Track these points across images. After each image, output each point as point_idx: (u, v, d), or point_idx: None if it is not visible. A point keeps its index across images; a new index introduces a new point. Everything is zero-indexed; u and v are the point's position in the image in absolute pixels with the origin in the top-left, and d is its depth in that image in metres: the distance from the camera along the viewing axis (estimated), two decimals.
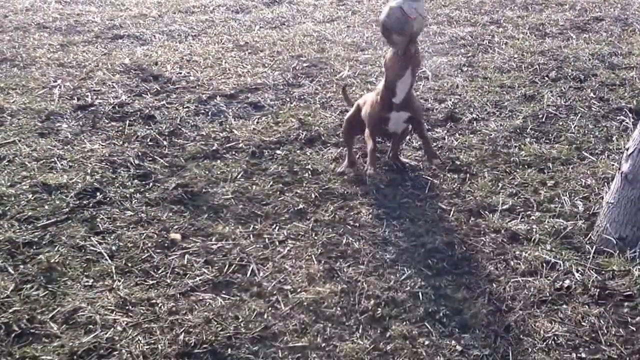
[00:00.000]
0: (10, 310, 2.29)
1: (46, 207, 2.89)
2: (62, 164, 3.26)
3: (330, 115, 3.83)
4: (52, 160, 3.30)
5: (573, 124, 3.71)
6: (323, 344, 2.17)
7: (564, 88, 4.20)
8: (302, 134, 3.58)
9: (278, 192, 3.05)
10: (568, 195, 3.00)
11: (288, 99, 4.07)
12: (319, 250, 2.63)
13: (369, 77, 4.39)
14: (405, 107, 2.96)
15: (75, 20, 5.86)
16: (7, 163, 3.27)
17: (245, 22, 5.83)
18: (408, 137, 3.59)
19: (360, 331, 2.22)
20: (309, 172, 3.22)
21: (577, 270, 2.49)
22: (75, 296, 2.37)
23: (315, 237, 2.71)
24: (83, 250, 2.62)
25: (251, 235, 2.73)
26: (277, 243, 2.68)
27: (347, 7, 6.27)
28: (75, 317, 2.27)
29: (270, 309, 2.32)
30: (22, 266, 2.52)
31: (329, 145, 3.50)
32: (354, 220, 2.84)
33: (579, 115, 3.82)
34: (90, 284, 2.44)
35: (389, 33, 2.74)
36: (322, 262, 2.57)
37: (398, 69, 2.83)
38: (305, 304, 2.34)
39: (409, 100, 2.96)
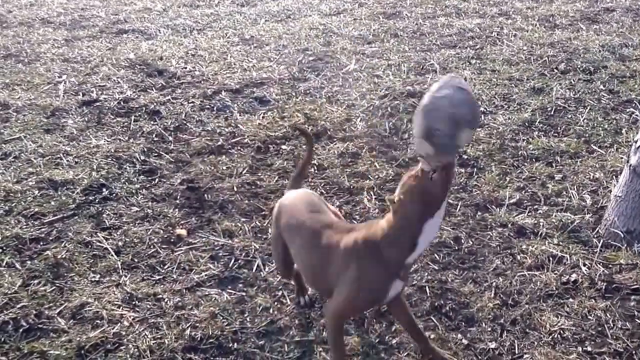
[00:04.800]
0: (18, 306, 2.30)
1: (52, 203, 2.91)
2: (68, 160, 3.27)
3: (336, 110, 3.81)
4: (58, 156, 3.31)
5: (582, 116, 3.67)
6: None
7: (574, 80, 4.15)
8: (308, 128, 3.57)
9: (284, 188, 3.05)
10: (576, 189, 2.97)
11: (294, 94, 4.06)
12: None
13: (375, 71, 4.37)
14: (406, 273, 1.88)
15: (80, 15, 5.87)
16: (13, 159, 3.29)
17: (250, 15, 5.82)
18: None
19: (365, 325, 2.21)
20: (315, 167, 3.21)
21: (584, 264, 2.47)
22: (82, 291, 2.38)
23: None
24: (89, 246, 2.64)
25: (257, 231, 2.73)
26: None
27: None
28: (82, 312, 2.28)
29: (276, 303, 2.32)
30: (29, 262, 2.54)
31: (335, 140, 3.49)
32: (360, 215, 2.83)
33: (588, 108, 3.78)
34: (97, 279, 2.46)
35: (459, 129, 1.58)
36: None
37: (435, 200, 1.70)
38: (311, 298, 2.33)
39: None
